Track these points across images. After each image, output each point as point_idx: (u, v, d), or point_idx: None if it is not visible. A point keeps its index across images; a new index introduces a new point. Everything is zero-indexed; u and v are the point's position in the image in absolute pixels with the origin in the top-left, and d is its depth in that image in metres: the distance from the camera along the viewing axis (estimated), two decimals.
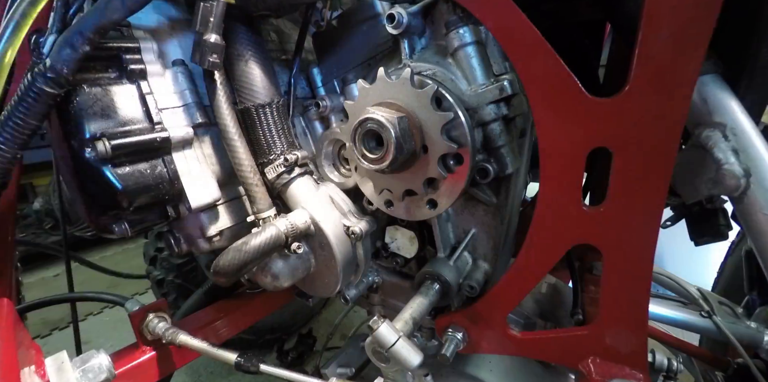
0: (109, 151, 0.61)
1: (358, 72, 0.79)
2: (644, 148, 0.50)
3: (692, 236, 0.77)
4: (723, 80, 0.55)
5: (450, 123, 0.58)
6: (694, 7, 0.44)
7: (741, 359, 1.05)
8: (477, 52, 0.61)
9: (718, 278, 1.39)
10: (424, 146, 0.60)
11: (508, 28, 0.54)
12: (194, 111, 0.72)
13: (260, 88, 0.71)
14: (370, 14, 0.74)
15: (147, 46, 0.70)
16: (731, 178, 0.51)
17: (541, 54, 0.52)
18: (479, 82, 0.61)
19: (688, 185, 0.58)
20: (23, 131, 0.61)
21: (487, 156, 0.64)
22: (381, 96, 0.61)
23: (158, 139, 0.67)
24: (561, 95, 0.53)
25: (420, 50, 0.67)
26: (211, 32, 0.64)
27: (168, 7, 0.77)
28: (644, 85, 0.48)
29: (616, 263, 0.57)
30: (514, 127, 0.65)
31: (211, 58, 0.65)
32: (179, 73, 0.72)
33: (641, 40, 0.47)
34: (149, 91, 0.69)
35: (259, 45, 0.73)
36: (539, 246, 0.62)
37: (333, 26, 0.80)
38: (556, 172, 0.57)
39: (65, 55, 0.59)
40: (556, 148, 0.56)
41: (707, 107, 0.54)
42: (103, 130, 0.63)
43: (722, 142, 0.52)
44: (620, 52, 0.74)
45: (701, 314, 1.10)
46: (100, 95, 0.65)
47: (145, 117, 0.68)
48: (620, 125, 0.50)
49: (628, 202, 0.53)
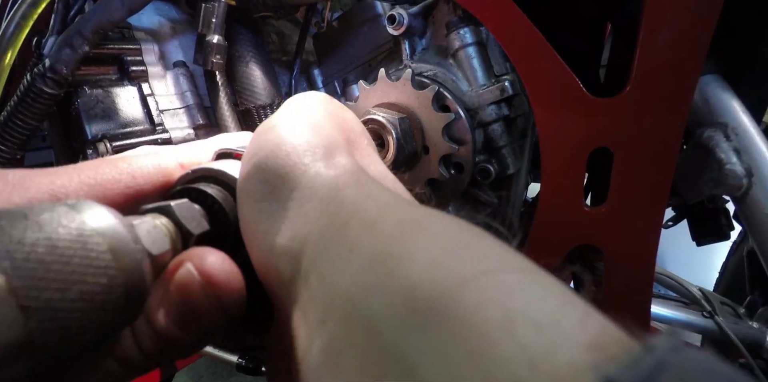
0: (110, 153, 0.61)
1: (359, 73, 0.79)
2: (646, 149, 0.50)
3: (694, 236, 0.77)
4: (724, 80, 0.54)
5: (451, 124, 0.58)
6: (695, 6, 0.44)
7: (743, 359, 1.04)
8: (478, 52, 0.61)
9: (719, 278, 1.39)
10: (425, 147, 0.60)
11: (508, 28, 0.54)
12: (195, 112, 0.72)
13: (261, 89, 0.71)
14: (371, 15, 0.74)
15: (148, 47, 0.70)
16: (733, 178, 0.51)
17: (542, 54, 0.52)
18: (480, 83, 0.61)
19: (689, 185, 0.58)
20: (23, 132, 0.61)
21: (488, 157, 0.64)
22: (382, 97, 0.61)
23: (159, 140, 0.67)
24: (562, 95, 0.53)
25: (421, 51, 0.67)
26: (214, 33, 0.64)
27: (168, 8, 0.78)
28: (645, 86, 0.48)
29: (618, 263, 0.57)
30: (515, 128, 0.65)
31: (214, 59, 0.65)
32: (180, 75, 0.72)
33: (642, 40, 0.47)
34: (150, 92, 0.69)
35: (259, 46, 0.73)
36: (541, 247, 0.62)
37: (333, 27, 0.80)
38: (557, 173, 0.57)
39: (65, 55, 0.59)
40: (557, 149, 0.56)
41: (709, 107, 0.54)
42: (104, 131, 0.63)
43: (724, 142, 0.52)
44: (621, 52, 0.74)
45: (703, 314, 1.10)
46: (101, 97, 0.65)
47: (147, 118, 0.68)
48: (621, 125, 0.50)
49: (630, 202, 0.53)
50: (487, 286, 0.14)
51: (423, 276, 0.15)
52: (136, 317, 0.21)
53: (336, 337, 0.16)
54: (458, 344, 0.13)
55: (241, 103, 0.71)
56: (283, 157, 0.22)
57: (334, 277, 0.18)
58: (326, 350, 0.17)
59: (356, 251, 0.18)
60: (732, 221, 0.75)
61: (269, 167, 0.22)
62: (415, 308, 0.15)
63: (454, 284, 0.14)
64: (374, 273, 0.16)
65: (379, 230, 0.18)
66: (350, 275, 0.17)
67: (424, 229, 0.18)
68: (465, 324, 0.13)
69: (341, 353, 0.16)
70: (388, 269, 0.16)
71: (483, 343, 0.13)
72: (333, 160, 0.23)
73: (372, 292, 0.16)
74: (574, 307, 0.14)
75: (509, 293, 0.14)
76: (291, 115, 0.25)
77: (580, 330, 0.13)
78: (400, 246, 0.17)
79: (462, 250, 0.16)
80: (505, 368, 0.12)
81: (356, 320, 0.16)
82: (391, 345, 0.14)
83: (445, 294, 0.14)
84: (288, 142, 0.23)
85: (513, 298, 0.14)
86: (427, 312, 0.14)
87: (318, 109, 0.27)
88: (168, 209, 0.23)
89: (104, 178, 0.25)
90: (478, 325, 0.13)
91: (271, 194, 0.22)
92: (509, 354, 0.12)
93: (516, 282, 0.15)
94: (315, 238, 0.20)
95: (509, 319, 0.13)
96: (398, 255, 0.16)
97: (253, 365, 0.80)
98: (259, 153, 0.23)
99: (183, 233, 0.23)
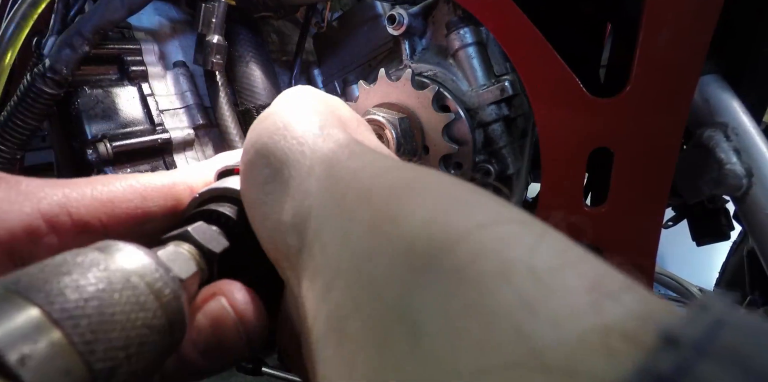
0: (110, 153, 0.61)
1: (359, 73, 0.79)
2: (646, 149, 0.50)
3: (694, 236, 0.77)
4: (724, 80, 0.54)
5: (451, 124, 0.58)
6: (695, 6, 0.44)
7: None
8: (478, 52, 0.61)
9: (719, 279, 1.39)
10: (426, 147, 0.60)
11: (508, 28, 0.54)
12: (195, 112, 0.72)
13: (261, 89, 0.71)
14: (371, 15, 0.74)
15: (148, 47, 0.70)
16: (733, 178, 0.51)
17: (542, 54, 0.52)
18: (480, 83, 0.61)
19: (689, 185, 0.58)
20: (23, 132, 0.61)
21: (488, 157, 0.64)
22: (382, 97, 0.61)
23: (159, 140, 0.67)
24: (562, 95, 0.53)
25: (421, 51, 0.67)
26: (214, 33, 0.64)
27: (168, 8, 0.78)
28: (645, 85, 0.48)
29: (618, 263, 0.57)
30: (515, 128, 0.65)
31: (214, 59, 0.65)
32: (180, 75, 0.72)
33: (642, 40, 0.47)
34: (150, 92, 0.69)
35: (259, 46, 0.73)
36: None
37: (333, 27, 0.80)
38: (557, 173, 0.57)
39: (65, 55, 0.59)
40: (557, 149, 0.56)
41: (709, 107, 0.54)
42: (104, 131, 0.63)
43: (724, 142, 0.52)
44: (621, 52, 0.74)
45: None
46: (101, 97, 0.65)
47: (147, 119, 0.68)
48: (621, 125, 0.50)
49: (630, 202, 0.53)
50: (482, 238, 0.14)
51: (419, 234, 0.15)
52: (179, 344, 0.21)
53: (341, 303, 0.17)
54: (457, 297, 0.13)
55: (241, 103, 0.71)
56: (282, 139, 0.24)
57: (336, 246, 0.18)
58: (332, 316, 0.17)
59: (355, 219, 0.18)
60: (732, 221, 0.75)
61: (270, 151, 0.24)
62: (414, 265, 0.15)
63: (449, 238, 0.15)
64: (373, 238, 0.17)
65: (374, 195, 0.18)
66: (351, 243, 0.18)
67: (416, 189, 0.18)
68: (462, 277, 0.13)
69: (346, 318, 0.16)
70: (384, 231, 0.16)
71: (481, 294, 0.13)
72: (329, 137, 0.24)
73: (372, 256, 0.16)
74: (570, 253, 0.14)
75: (505, 244, 0.14)
76: (285, 103, 0.27)
77: (577, 274, 0.13)
78: (394, 208, 0.17)
79: (456, 205, 0.16)
80: (504, 315, 0.12)
81: (359, 285, 0.16)
82: (393, 305, 0.14)
83: (441, 249, 0.14)
84: (285, 126, 0.24)
85: (509, 248, 0.14)
86: (425, 268, 0.14)
87: (309, 96, 0.28)
88: (186, 234, 0.24)
89: (116, 196, 0.26)
90: (475, 277, 0.13)
91: (274, 175, 0.23)
92: (507, 302, 0.12)
93: (511, 233, 0.15)
94: (316, 212, 0.21)
95: (506, 268, 0.13)
96: (393, 217, 0.17)
97: (253, 365, 0.80)
98: (259, 140, 0.24)
99: (205, 253, 0.24)
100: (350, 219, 0.18)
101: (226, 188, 0.27)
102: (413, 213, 0.16)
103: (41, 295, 0.16)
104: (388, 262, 0.16)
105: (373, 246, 0.17)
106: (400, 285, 0.15)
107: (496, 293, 0.13)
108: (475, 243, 0.14)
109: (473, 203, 0.17)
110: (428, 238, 0.15)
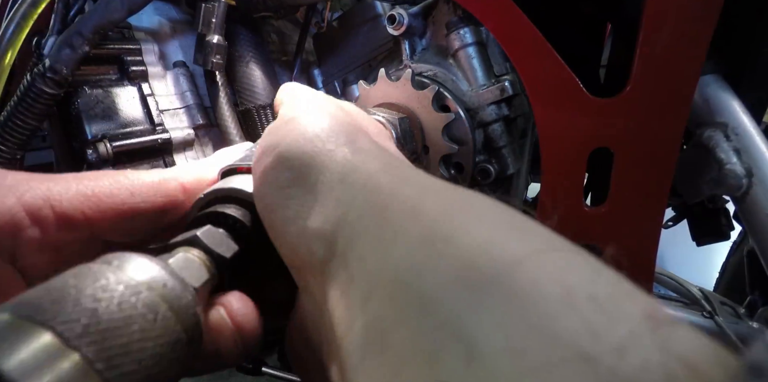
0: (110, 153, 0.61)
1: (359, 73, 0.79)
2: (646, 149, 0.50)
3: (694, 236, 0.77)
4: (724, 80, 0.54)
5: (451, 124, 0.58)
6: (695, 6, 0.44)
7: None
8: (478, 52, 0.61)
9: (719, 279, 1.39)
10: (425, 147, 0.60)
11: (508, 28, 0.54)
12: (195, 112, 0.72)
13: (261, 89, 0.71)
14: (371, 15, 0.74)
15: (148, 47, 0.70)
16: (733, 178, 0.51)
17: (542, 54, 0.52)
18: (480, 83, 0.61)
19: (689, 185, 0.58)
20: (23, 132, 0.61)
21: (488, 157, 0.64)
22: (382, 97, 0.61)
23: (159, 140, 0.67)
24: (562, 96, 0.53)
25: (421, 51, 0.67)
26: (214, 33, 0.64)
27: (169, 8, 0.78)
28: (645, 86, 0.48)
29: (618, 263, 0.57)
30: (515, 128, 0.65)
31: (214, 59, 0.65)
32: (180, 75, 0.72)
33: (642, 40, 0.47)
34: (150, 92, 0.69)
35: (259, 46, 0.73)
36: None
37: (333, 27, 0.80)
38: (557, 173, 0.57)
39: (64, 55, 0.59)
40: (557, 149, 0.56)
41: (709, 107, 0.54)
42: (104, 131, 0.63)
43: (724, 142, 0.52)
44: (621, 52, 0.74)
45: (703, 314, 1.10)
46: (101, 97, 0.65)
47: (147, 119, 0.68)
48: (621, 126, 0.50)
49: (630, 202, 0.53)
50: (542, 263, 0.15)
51: (477, 254, 0.16)
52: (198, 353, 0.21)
53: (381, 315, 0.17)
54: (519, 319, 0.13)
55: (241, 103, 0.71)
56: (308, 144, 0.24)
57: (377, 257, 0.18)
58: (371, 327, 0.17)
59: (401, 233, 0.18)
60: (732, 221, 0.75)
61: (294, 155, 0.23)
62: (471, 285, 0.15)
63: (508, 261, 0.15)
64: (423, 253, 0.17)
65: (423, 213, 0.19)
66: (395, 257, 0.18)
67: (467, 211, 0.19)
68: (524, 299, 0.14)
69: (388, 330, 0.16)
70: (437, 249, 0.17)
71: (543, 317, 0.13)
72: (356, 144, 0.24)
73: (422, 271, 0.16)
74: (623, 283, 0.15)
75: (564, 270, 0.15)
76: (305, 106, 0.27)
77: (633, 302, 0.14)
78: (447, 228, 0.17)
79: (511, 230, 0.17)
80: (569, 340, 0.12)
81: (405, 299, 0.16)
82: (446, 321, 0.14)
83: (500, 271, 0.15)
84: (310, 130, 0.24)
85: (569, 274, 0.14)
86: (484, 288, 0.15)
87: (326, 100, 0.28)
88: (195, 239, 0.23)
89: (101, 190, 0.26)
90: (537, 300, 0.14)
91: (298, 180, 0.23)
92: (572, 327, 0.13)
93: (568, 260, 0.15)
94: (352, 220, 0.20)
95: (568, 294, 0.13)
96: (447, 236, 0.17)
97: (253, 365, 0.79)
98: (281, 142, 0.24)
99: (215, 258, 0.24)
100: (395, 232, 0.19)
101: (231, 189, 0.27)
102: (469, 234, 0.17)
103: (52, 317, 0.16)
104: (442, 279, 0.16)
105: (424, 262, 0.17)
106: (454, 302, 0.15)
107: (560, 317, 0.13)
108: (535, 268, 0.15)
109: (526, 229, 0.18)
110: (487, 259, 0.15)
